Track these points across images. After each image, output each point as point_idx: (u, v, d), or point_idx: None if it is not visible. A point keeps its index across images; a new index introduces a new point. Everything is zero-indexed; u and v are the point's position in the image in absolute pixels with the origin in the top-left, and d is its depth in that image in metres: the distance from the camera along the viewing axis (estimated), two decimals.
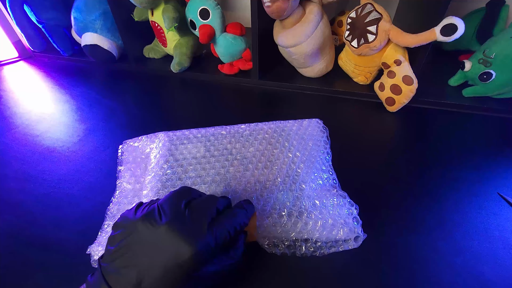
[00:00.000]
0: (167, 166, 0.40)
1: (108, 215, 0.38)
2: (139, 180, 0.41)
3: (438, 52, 0.69)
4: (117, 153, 0.48)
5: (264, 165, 0.40)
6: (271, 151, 0.42)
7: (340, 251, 0.33)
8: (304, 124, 0.46)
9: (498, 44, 0.49)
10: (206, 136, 0.45)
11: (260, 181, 0.38)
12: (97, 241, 0.34)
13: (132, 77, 0.72)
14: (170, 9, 0.61)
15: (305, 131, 0.45)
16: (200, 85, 0.67)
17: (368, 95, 0.58)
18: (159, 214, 0.25)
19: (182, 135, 0.45)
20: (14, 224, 0.38)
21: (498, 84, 0.51)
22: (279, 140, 0.43)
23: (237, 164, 0.40)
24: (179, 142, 0.44)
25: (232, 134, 0.45)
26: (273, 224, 0.33)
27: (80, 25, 0.71)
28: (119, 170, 0.43)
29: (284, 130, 0.45)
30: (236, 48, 0.63)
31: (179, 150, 0.43)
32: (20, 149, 0.50)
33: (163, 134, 0.46)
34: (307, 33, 0.53)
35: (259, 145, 0.43)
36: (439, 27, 0.44)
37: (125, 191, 0.40)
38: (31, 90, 0.69)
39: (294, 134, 0.44)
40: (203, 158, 0.41)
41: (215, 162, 0.41)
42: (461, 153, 0.45)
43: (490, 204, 0.37)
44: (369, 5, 0.50)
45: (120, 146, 0.47)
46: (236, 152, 0.42)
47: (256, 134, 0.45)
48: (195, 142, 0.44)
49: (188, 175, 0.40)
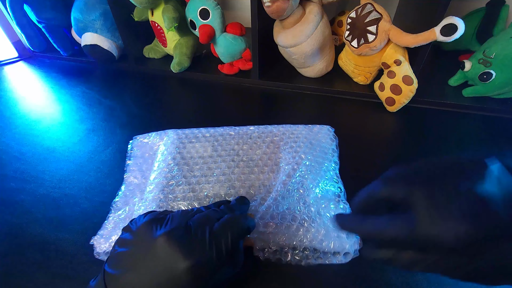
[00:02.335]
0: (173, 164, 0.40)
1: (114, 207, 0.38)
2: (145, 176, 0.42)
3: (438, 52, 0.69)
4: (117, 153, 0.48)
5: (270, 169, 0.39)
6: (278, 155, 0.41)
7: (327, 263, 0.31)
8: (315, 130, 0.45)
9: (498, 44, 0.49)
10: (215, 136, 0.45)
11: (264, 185, 0.37)
12: (100, 233, 0.35)
13: (132, 77, 0.72)
14: (170, 9, 0.61)
15: (315, 137, 0.44)
16: (200, 85, 0.67)
17: (368, 95, 0.58)
18: (165, 224, 0.24)
19: (191, 134, 0.45)
20: (14, 224, 0.38)
21: (498, 84, 0.51)
22: (288, 144, 0.42)
23: (243, 165, 0.40)
24: (188, 141, 0.44)
25: (241, 135, 0.45)
26: (264, 226, 0.32)
27: (80, 25, 0.71)
28: (128, 164, 0.44)
29: (293, 134, 0.44)
30: (236, 48, 0.63)
31: (187, 149, 0.43)
32: (20, 149, 0.50)
33: (172, 132, 0.46)
34: (307, 33, 0.53)
35: (266, 148, 0.42)
36: (439, 27, 0.44)
37: (132, 185, 0.41)
38: (31, 90, 0.69)
39: (304, 140, 0.43)
40: (209, 158, 0.41)
41: (221, 162, 0.41)
42: (461, 153, 0.45)
43: None
44: (369, 5, 0.50)
45: (130, 141, 0.48)
46: (243, 153, 0.42)
47: (264, 137, 0.44)
48: (203, 142, 0.44)
49: (193, 174, 0.40)
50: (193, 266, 0.22)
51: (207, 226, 0.25)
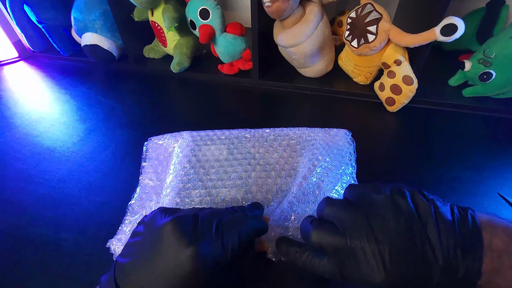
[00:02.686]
0: (189, 166, 0.40)
1: (129, 210, 0.38)
2: (160, 178, 0.41)
3: (438, 52, 0.69)
4: (117, 153, 0.48)
5: (287, 173, 0.39)
6: (295, 158, 0.41)
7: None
8: (332, 134, 0.45)
9: (498, 44, 0.49)
10: (230, 138, 0.44)
11: (282, 190, 0.37)
12: (117, 237, 0.35)
13: (132, 77, 0.72)
14: (170, 9, 0.61)
15: (332, 140, 0.43)
16: (200, 85, 0.67)
17: (368, 95, 0.58)
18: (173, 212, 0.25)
19: (206, 136, 0.45)
20: (14, 224, 0.38)
21: (498, 84, 0.51)
22: (305, 148, 0.42)
23: (260, 169, 0.39)
24: (203, 143, 0.43)
25: (256, 138, 0.44)
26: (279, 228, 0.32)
27: (80, 25, 0.71)
28: (143, 166, 0.44)
29: (310, 137, 0.44)
30: (236, 48, 0.63)
31: (202, 151, 0.42)
32: (20, 149, 0.50)
33: (187, 134, 0.46)
34: (307, 33, 0.53)
35: (283, 152, 0.42)
36: (439, 27, 0.44)
37: (147, 188, 0.40)
38: (31, 90, 0.69)
39: (321, 142, 0.42)
40: (225, 161, 0.41)
41: (238, 166, 0.40)
42: (461, 153, 0.45)
43: (490, 204, 0.37)
44: (369, 5, 0.50)
45: (145, 143, 0.47)
46: (259, 157, 0.41)
47: (280, 140, 0.44)
48: (218, 144, 0.43)
49: (210, 177, 0.39)
50: (197, 255, 0.22)
51: (215, 219, 0.25)
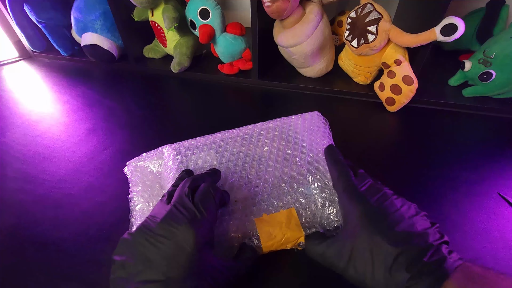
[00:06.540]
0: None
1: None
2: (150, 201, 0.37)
3: (438, 52, 0.69)
4: (117, 153, 0.48)
5: (283, 159, 0.40)
6: (286, 146, 0.42)
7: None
8: (307, 117, 0.46)
9: (498, 44, 0.49)
10: (215, 142, 0.43)
11: (285, 173, 0.38)
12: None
13: (132, 77, 0.72)
14: (170, 9, 0.61)
15: (309, 123, 0.45)
16: (200, 85, 0.67)
17: (368, 95, 0.58)
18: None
19: (190, 145, 0.43)
20: (14, 224, 0.38)
21: (498, 84, 0.51)
22: (290, 135, 0.43)
23: (257, 165, 0.39)
24: (190, 152, 0.42)
25: (242, 137, 0.44)
26: (308, 210, 0.34)
27: (80, 25, 0.71)
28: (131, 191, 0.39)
29: (290, 125, 0.45)
30: (236, 48, 0.63)
31: (193, 160, 0.40)
32: (20, 149, 0.50)
33: (169, 147, 0.42)
34: (307, 33, 0.53)
35: (272, 143, 0.42)
36: (439, 27, 0.44)
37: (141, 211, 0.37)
38: (31, 90, 0.69)
39: (301, 128, 0.44)
40: (220, 165, 0.40)
41: (234, 166, 0.39)
42: (461, 153, 0.45)
43: (490, 204, 0.37)
44: (369, 5, 0.50)
45: (125, 169, 0.42)
46: (252, 153, 0.41)
47: (265, 133, 0.44)
48: (206, 150, 0.42)
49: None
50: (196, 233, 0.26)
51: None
